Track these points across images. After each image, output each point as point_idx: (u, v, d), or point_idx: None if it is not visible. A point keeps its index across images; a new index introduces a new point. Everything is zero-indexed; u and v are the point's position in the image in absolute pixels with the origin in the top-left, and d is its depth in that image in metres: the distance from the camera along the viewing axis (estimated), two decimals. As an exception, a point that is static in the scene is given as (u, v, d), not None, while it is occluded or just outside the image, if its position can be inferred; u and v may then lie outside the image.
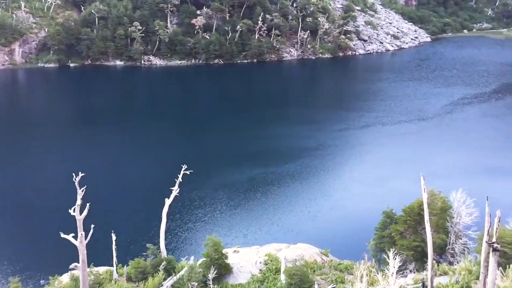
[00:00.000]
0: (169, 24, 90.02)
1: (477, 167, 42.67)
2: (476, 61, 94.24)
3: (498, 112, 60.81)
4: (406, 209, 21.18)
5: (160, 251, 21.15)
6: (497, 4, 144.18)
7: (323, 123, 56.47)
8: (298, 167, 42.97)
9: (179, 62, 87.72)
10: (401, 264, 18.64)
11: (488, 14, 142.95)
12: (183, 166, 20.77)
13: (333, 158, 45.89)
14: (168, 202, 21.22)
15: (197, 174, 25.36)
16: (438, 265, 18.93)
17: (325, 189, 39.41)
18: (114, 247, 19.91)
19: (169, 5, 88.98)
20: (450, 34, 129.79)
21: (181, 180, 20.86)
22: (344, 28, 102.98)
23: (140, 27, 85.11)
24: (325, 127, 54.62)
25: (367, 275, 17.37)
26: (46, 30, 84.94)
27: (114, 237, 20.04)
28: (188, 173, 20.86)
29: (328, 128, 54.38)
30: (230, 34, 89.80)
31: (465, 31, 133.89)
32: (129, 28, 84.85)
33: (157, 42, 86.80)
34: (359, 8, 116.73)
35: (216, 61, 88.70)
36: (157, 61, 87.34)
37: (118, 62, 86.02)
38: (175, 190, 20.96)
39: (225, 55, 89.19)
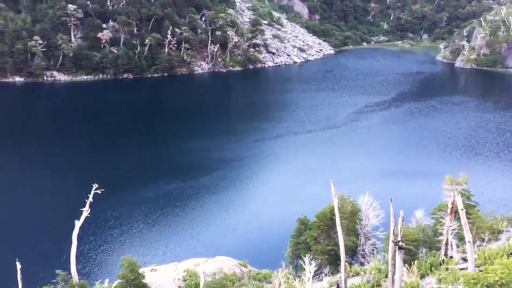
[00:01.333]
0: (73, 38, 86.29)
1: (381, 171, 45.43)
2: (376, 72, 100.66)
3: (398, 119, 65.26)
4: (319, 214, 22.05)
5: (71, 277, 19.99)
6: (391, 19, 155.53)
7: (238, 134, 57.10)
8: (215, 179, 43.02)
9: (85, 77, 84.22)
10: (316, 268, 19.32)
11: (384, 28, 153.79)
12: (94, 185, 19.91)
13: (249, 169, 46.52)
14: (78, 224, 20.10)
15: (111, 193, 24.48)
16: (350, 267, 19.83)
17: (243, 200, 39.81)
18: (19, 276, 18.49)
19: (72, 19, 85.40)
20: (351, 46, 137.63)
21: (92, 200, 19.94)
22: (253, 42, 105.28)
23: (41, 42, 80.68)
24: (240, 139, 55.25)
25: (285, 282, 17.77)
26: None
27: (19, 266, 18.63)
28: (100, 192, 20.00)
29: (243, 139, 55.07)
30: (139, 48, 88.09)
31: (365, 43, 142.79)
32: (29, 43, 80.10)
33: (61, 57, 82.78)
34: (266, 22, 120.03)
35: (125, 75, 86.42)
36: (62, 77, 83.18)
37: (18, 79, 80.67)
38: (86, 211, 19.93)
39: (134, 70, 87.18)
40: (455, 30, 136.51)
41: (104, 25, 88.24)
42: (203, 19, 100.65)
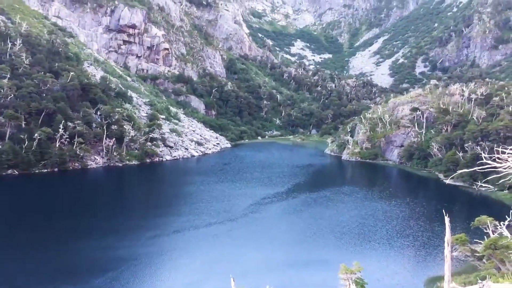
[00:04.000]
0: (-50, 133, 79.68)
1: (282, 261, 45.64)
2: (272, 164, 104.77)
3: (295, 209, 67.30)
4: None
5: None
6: (283, 115, 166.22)
7: (135, 231, 54.50)
8: (108, 281, 39.92)
9: (-38, 174, 76.95)
10: None
11: (277, 123, 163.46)
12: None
13: (145, 268, 44.03)
14: None
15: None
16: None
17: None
18: None
19: (-49, 112, 79.45)
20: (247, 140, 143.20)
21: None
22: (150, 136, 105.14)
23: None
24: (136, 236, 52.67)
25: None
26: None
27: None
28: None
29: (139, 236, 52.54)
30: (26, 142, 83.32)
31: (259, 137, 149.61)
32: None
33: None
34: (164, 116, 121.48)
35: (9, 171, 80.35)
36: None
37: None
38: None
39: (20, 165, 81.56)
40: (340, 126, 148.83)
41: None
42: (99, 113, 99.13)
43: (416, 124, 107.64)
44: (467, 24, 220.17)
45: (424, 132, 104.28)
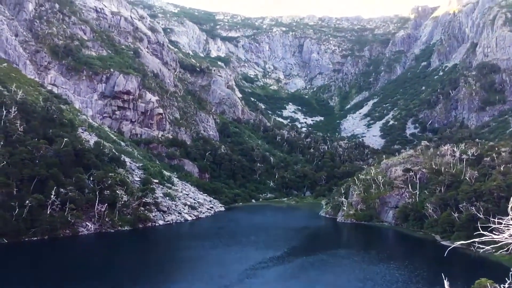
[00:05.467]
0: None
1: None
2: (267, 227, 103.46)
3: (292, 274, 65.67)
4: None
5: None
6: (276, 177, 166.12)
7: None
8: None
9: (-50, 244, 74.95)
10: None
11: (271, 185, 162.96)
12: None
13: None
14: None
15: None
16: None
17: None
18: None
19: None
20: (241, 203, 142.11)
21: None
22: (143, 200, 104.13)
23: None
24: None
25: None
26: None
27: None
28: None
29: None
30: (17, 209, 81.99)
31: (253, 200, 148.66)
32: None
33: None
34: (157, 180, 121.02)
35: (-2, 240, 78.42)
36: None
37: None
38: None
39: (10, 233, 79.73)
40: (334, 187, 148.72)
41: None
42: (91, 178, 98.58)
43: (409, 184, 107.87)
44: (453, 86, 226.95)
45: (418, 193, 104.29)
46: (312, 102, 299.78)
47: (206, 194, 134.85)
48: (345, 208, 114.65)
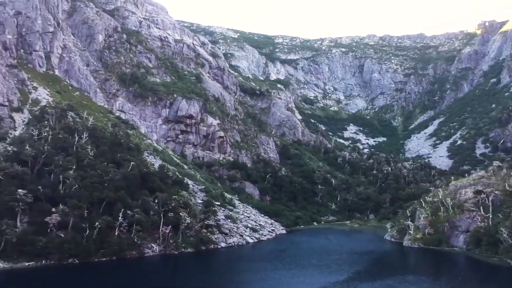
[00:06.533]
0: (18, 223, 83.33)
1: None
2: (329, 250, 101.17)
3: (356, 300, 63.49)
4: None
5: None
6: (338, 199, 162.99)
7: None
8: None
9: (26, 264, 79.09)
10: None
11: (333, 208, 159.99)
12: None
13: None
14: None
15: None
16: None
17: None
18: None
19: (20, 203, 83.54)
20: (302, 226, 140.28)
21: None
22: (206, 222, 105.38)
23: (-16, 227, 76.85)
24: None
25: None
26: None
27: None
28: None
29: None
30: (87, 231, 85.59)
31: (315, 223, 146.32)
32: (-29, 228, 76.30)
33: (3, 243, 78.41)
34: (219, 203, 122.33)
35: (70, 260, 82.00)
36: (1, 264, 77.66)
37: (-49, 267, 74.52)
38: None
39: (81, 254, 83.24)
40: (399, 210, 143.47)
41: (53, 209, 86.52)
42: (156, 201, 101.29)
43: (481, 207, 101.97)
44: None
45: (491, 216, 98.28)
46: (374, 122, 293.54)
47: (267, 217, 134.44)
48: (411, 232, 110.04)
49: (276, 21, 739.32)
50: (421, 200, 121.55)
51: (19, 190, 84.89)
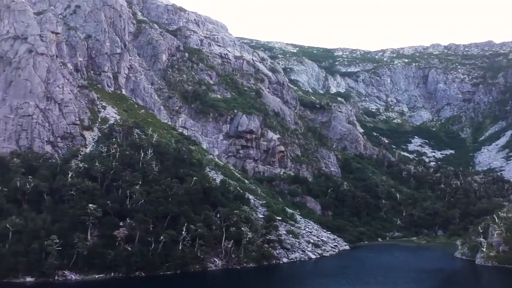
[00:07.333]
0: (89, 237, 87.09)
1: None
2: (395, 268, 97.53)
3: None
4: None
5: None
6: (404, 215, 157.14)
7: None
8: None
9: (96, 276, 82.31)
10: None
11: (398, 223, 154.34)
12: None
13: None
14: None
15: None
16: None
17: None
18: None
19: (91, 217, 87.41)
20: (366, 242, 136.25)
21: None
22: (267, 237, 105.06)
23: (58, 241, 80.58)
24: None
25: None
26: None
27: None
28: None
29: None
30: (153, 245, 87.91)
31: (379, 239, 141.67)
32: (45, 242, 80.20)
33: (75, 256, 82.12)
34: (280, 218, 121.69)
35: (137, 273, 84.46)
36: (73, 276, 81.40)
37: (29, 279, 78.75)
38: None
39: (147, 267, 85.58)
40: (470, 226, 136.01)
41: (121, 223, 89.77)
42: (218, 215, 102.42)
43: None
44: None
45: None
46: (440, 134, 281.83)
47: (329, 232, 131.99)
48: (484, 250, 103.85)
49: (335, 35, 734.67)
50: (494, 215, 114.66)
51: (90, 205, 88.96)
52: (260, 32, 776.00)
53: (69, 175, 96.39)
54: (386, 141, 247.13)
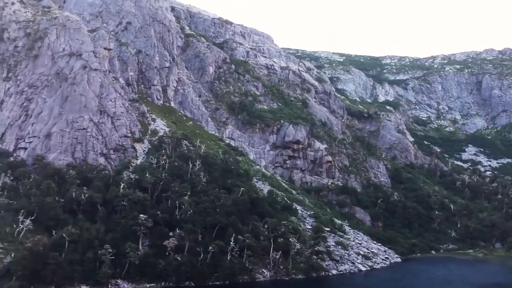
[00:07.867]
0: (140, 246, 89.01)
1: None
2: (451, 282, 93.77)
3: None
4: None
5: None
6: (458, 226, 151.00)
7: None
8: None
9: (147, 285, 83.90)
10: None
11: (452, 235, 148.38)
12: None
13: None
14: None
15: None
16: None
17: None
18: None
19: (142, 227, 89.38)
20: (419, 254, 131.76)
21: None
22: (316, 248, 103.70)
23: (111, 250, 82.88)
24: None
25: None
26: (12, 256, 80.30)
27: None
28: None
29: None
30: (202, 255, 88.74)
31: (433, 251, 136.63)
32: (99, 251, 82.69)
33: (127, 265, 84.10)
34: (328, 229, 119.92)
35: (187, 283, 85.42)
36: (125, 285, 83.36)
37: (84, 287, 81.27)
38: None
39: (196, 277, 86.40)
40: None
41: (170, 233, 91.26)
42: (266, 226, 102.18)
43: None
44: None
45: None
46: (496, 143, 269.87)
47: (380, 244, 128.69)
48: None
49: (383, 42, 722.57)
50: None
51: (141, 215, 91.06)
52: (306, 42, 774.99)
53: (121, 186, 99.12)
54: (438, 150, 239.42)
